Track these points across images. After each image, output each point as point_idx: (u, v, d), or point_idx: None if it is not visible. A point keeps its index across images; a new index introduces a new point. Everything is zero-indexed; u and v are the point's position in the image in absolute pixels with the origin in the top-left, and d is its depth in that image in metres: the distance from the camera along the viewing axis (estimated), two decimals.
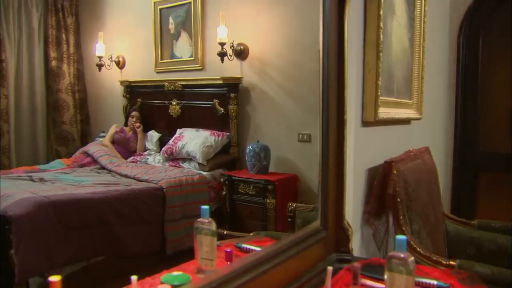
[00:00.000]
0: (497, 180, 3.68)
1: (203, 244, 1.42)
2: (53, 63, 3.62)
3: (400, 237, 1.38)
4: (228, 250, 1.47)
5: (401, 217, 2.02)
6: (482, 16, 3.63)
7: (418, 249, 1.99)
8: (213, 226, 1.41)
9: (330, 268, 1.50)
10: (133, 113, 3.79)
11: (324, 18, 1.61)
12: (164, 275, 1.24)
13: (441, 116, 3.59)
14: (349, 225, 1.73)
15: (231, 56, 3.22)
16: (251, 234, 2.11)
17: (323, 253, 1.67)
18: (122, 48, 3.91)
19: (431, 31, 3.13)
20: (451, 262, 1.94)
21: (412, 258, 1.36)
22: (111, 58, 3.83)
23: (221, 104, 3.35)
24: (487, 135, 3.70)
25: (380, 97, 1.99)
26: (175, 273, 1.27)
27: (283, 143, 3.02)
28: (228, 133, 3.30)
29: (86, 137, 3.92)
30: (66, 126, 3.75)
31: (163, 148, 3.49)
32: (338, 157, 1.69)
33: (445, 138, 3.69)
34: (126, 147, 3.72)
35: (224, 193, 3.02)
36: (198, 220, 1.45)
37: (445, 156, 3.70)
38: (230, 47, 3.20)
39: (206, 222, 1.45)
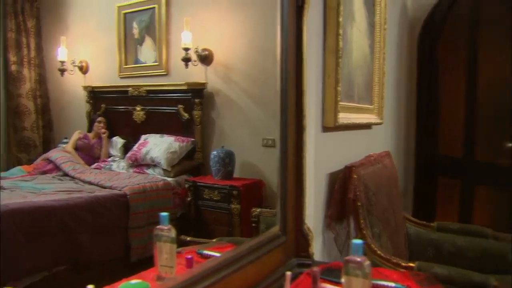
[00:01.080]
0: (452, 184, 3.78)
1: (162, 251, 1.41)
2: (13, 67, 3.52)
3: (357, 241, 1.39)
4: (189, 256, 1.46)
5: (362, 221, 2.04)
6: (439, 25, 3.72)
7: (378, 252, 2.02)
8: (173, 233, 1.40)
9: (288, 273, 1.50)
10: (100, 118, 3.73)
11: (282, 24, 1.62)
12: (123, 284, 1.22)
13: (403, 121, 3.66)
14: (309, 229, 1.74)
15: (195, 61, 3.21)
16: (214, 240, 2.10)
17: (283, 258, 1.68)
18: (86, 53, 3.85)
19: (392, 38, 3.20)
20: (411, 264, 1.98)
21: (368, 261, 1.38)
22: (74, 63, 3.76)
23: (185, 110, 3.33)
24: (445, 140, 3.79)
25: (340, 103, 2.02)
26: (134, 281, 1.25)
27: (248, 148, 3.02)
28: (192, 139, 3.29)
29: (48, 144, 3.82)
30: (27, 132, 3.65)
31: (127, 154, 3.44)
32: (297, 162, 1.70)
33: (407, 143, 3.76)
34: (89, 154, 3.65)
35: (189, 199, 2.99)
36: (157, 227, 1.44)
37: (406, 160, 3.78)
38: (195, 53, 3.18)
39: (165, 229, 1.43)
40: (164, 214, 1.40)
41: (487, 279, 1.88)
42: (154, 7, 3.47)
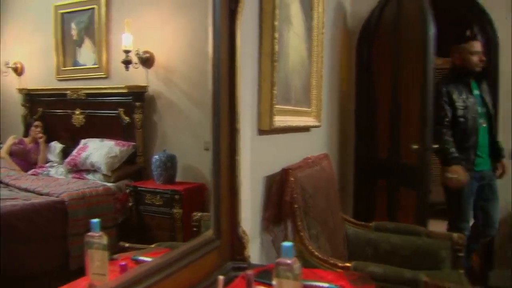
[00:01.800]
0: (383, 185, 3.89)
1: (94, 259, 1.38)
2: None
3: (286, 243, 1.41)
4: (123, 263, 1.44)
5: (299, 223, 2.07)
6: (373, 30, 3.84)
7: (316, 253, 2.06)
8: (104, 240, 1.38)
9: (221, 277, 1.50)
10: (36, 123, 3.58)
11: (214, 28, 1.63)
12: None
13: (342, 123, 3.75)
14: (244, 232, 1.75)
15: (136, 64, 3.15)
16: (152, 245, 2.07)
17: (218, 262, 1.68)
18: (21, 54, 3.69)
19: (331, 42, 3.27)
20: (347, 264, 2.03)
21: (298, 263, 1.41)
22: (7, 64, 3.61)
23: (126, 113, 3.26)
24: (378, 143, 3.91)
25: (276, 106, 2.04)
26: None
27: (190, 152, 2.99)
28: (133, 143, 3.22)
29: None
30: None
31: (66, 160, 3.33)
32: (231, 165, 1.71)
33: (346, 145, 3.86)
34: (26, 159, 3.51)
35: (130, 204, 2.93)
36: (88, 234, 1.41)
37: (346, 162, 3.88)
38: (136, 55, 3.13)
39: (97, 236, 1.41)
40: (95, 220, 1.38)
41: (417, 275, 1.96)
42: (93, 8, 3.38)
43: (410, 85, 3.28)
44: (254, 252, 2.05)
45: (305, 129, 2.59)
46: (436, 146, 3.10)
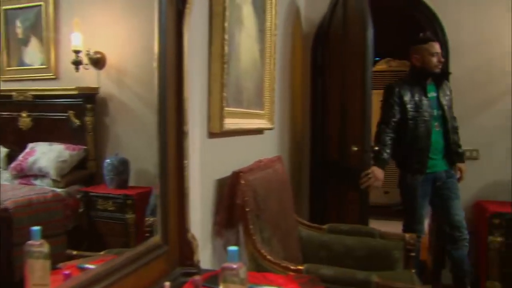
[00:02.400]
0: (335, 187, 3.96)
1: (34, 269, 1.34)
2: None
3: (232, 248, 1.41)
4: (67, 272, 1.40)
5: (251, 227, 2.07)
6: (325, 33, 3.90)
7: (268, 257, 2.06)
8: (45, 248, 1.34)
9: (167, 284, 1.48)
10: None
11: (160, 29, 1.61)
12: None
13: (298, 125, 3.79)
14: (194, 237, 1.73)
15: (87, 64, 3.08)
16: (101, 252, 2.03)
17: (166, 268, 1.66)
18: None
19: (286, 44, 3.30)
20: (299, 267, 2.04)
21: (244, 268, 1.40)
22: None
23: (76, 116, 3.17)
24: (331, 145, 3.98)
25: (227, 108, 2.04)
26: None
27: (143, 155, 2.93)
28: (84, 147, 3.13)
29: None
30: None
31: (11, 165, 3.21)
32: (179, 169, 1.69)
33: (302, 147, 3.90)
34: None
35: (81, 210, 2.85)
36: (28, 242, 1.37)
37: (302, 164, 3.92)
38: (86, 55, 3.05)
39: (37, 245, 1.36)
40: (35, 228, 1.34)
41: (369, 276, 1.99)
42: (40, 5, 3.28)
43: (353, 88, 3.34)
44: (206, 257, 2.04)
45: (258, 131, 2.59)
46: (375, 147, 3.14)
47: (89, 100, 3.12)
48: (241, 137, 2.34)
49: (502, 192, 3.57)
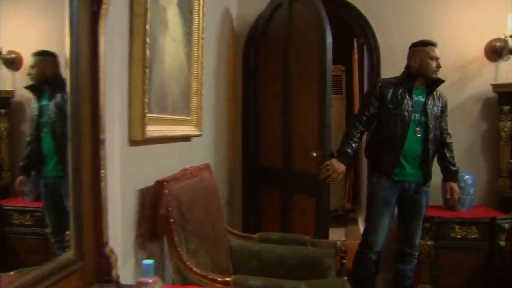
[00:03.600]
0: (274, 194, 4.04)
1: None
2: None
3: (146, 262, 1.41)
4: None
5: (176, 238, 2.06)
6: (260, 36, 3.98)
7: (194, 269, 2.05)
8: None
9: None
10: None
11: (72, 31, 1.58)
12: None
13: (228, 132, 3.83)
14: (112, 251, 1.70)
15: None
16: (11, 272, 1.94)
17: (81, 285, 1.62)
18: None
19: (216, 46, 3.32)
20: (227, 279, 2.05)
21: (160, 282, 1.40)
22: None
23: None
24: (268, 152, 4.05)
25: (149, 115, 2.02)
26: None
27: None
28: None
29: None
30: None
31: None
32: (95, 180, 1.66)
33: (233, 154, 3.94)
34: None
35: None
36: None
37: (233, 172, 3.95)
38: None
39: None
40: None
41: (297, 285, 2.03)
42: None
43: (303, 92, 3.40)
44: (128, 272, 2.01)
45: (185, 138, 2.59)
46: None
47: (3, 104, 3.00)
48: (166, 145, 2.33)
49: (432, 196, 3.75)
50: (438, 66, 3.16)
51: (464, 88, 3.86)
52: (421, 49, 3.16)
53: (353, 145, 3.11)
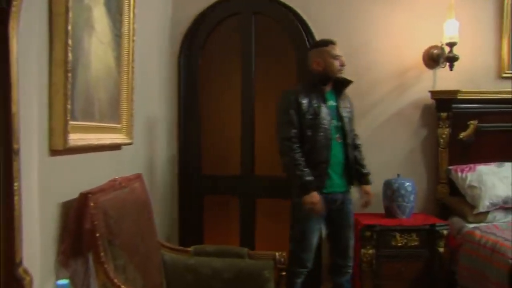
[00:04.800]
0: (221, 202, 4.03)
1: None
2: None
3: (60, 282, 1.33)
4: None
5: (102, 254, 1.98)
6: (201, 38, 3.96)
7: (122, 286, 1.98)
8: None
9: None
10: None
11: None
12: None
13: (164, 140, 3.76)
14: (26, 272, 1.61)
15: None
16: None
17: None
18: None
19: (150, 51, 3.25)
20: None
21: None
22: None
23: None
24: (211, 158, 4.03)
25: (72, 122, 1.93)
26: None
27: None
28: None
29: None
30: None
31: None
32: (7, 194, 1.56)
33: (169, 163, 3.87)
34: None
35: None
36: None
37: (170, 182, 3.88)
38: None
39: None
40: None
41: None
42: None
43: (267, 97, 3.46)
44: None
45: (115, 147, 2.50)
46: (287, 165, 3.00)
47: None
48: (92, 154, 2.24)
49: (374, 204, 3.82)
50: (342, 64, 3.10)
51: (403, 95, 3.98)
52: (322, 49, 3.09)
53: (306, 169, 2.94)
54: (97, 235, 1.97)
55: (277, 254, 2.68)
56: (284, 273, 2.69)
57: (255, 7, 3.97)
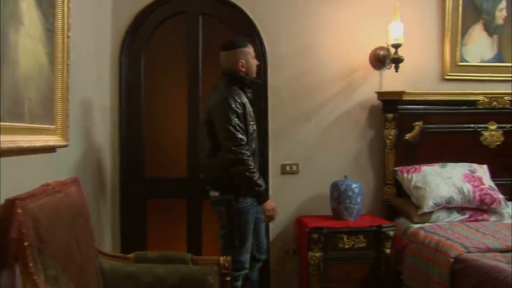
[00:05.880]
0: (166, 206, 3.94)
1: None
2: None
3: None
4: None
5: (31, 264, 1.85)
6: (144, 36, 3.86)
7: None
8: None
9: None
10: None
11: None
12: None
13: (104, 142, 3.62)
14: None
15: None
16: None
17: None
18: None
19: (88, 48, 3.12)
20: None
21: None
22: None
23: None
24: (153, 161, 3.92)
25: None
26: None
27: None
28: None
29: None
30: None
31: None
32: None
33: (110, 166, 3.74)
34: None
35: None
36: None
37: (111, 185, 3.75)
38: None
39: None
40: None
41: None
42: None
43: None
44: None
45: (48, 149, 2.37)
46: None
47: None
48: (23, 157, 2.10)
49: (322, 206, 3.84)
50: (257, 65, 3.16)
51: (351, 96, 4.01)
52: (244, 50, 3.06)
53: (259, 175, 2.98)
54: (26, 244, 1.84)
55: (221, 259, 2.63)
56: (228, 278, 2.64)
57: (202, 7, 3.90)
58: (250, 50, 3.09)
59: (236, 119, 2.90)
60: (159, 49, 3.92)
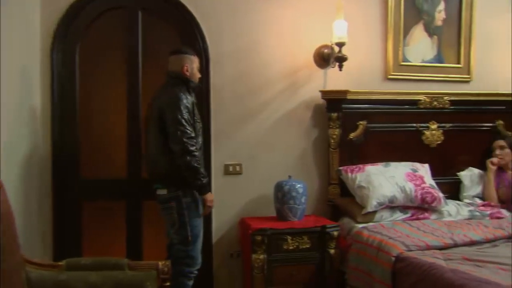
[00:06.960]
0: (102, 208, 3.80)
1: None
2: None
3: None
4: None
5: None
6: (77, 32, 3.71)
7: None
8: None
9: None
10: None
11: None
12: None
13: (34, 142, 3.45)
14: None
15: None
16: None
17: None
18: None
19: (14, 45, 2.96)
20: None
21: None
22: None
23: None
24: (89, 162, 3.77)
25: None
26: None
27: None
28: None
29: None
30: None
31: None
32: None
33: (40, 168, 3.56)
34: None
35: None
36: None
37: (43, 188, 3.58)
38: None
39: None
40: None
41: None
42: None
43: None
44: None
45: None
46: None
47: None
48: None
49: (266, 207, 3.80)
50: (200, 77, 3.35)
51: (295, 94, 3.99)
52: (191, 57, 3.25)
53: (203, 170, 3.12)
54: None
55: (160, 263, 2.53)
56: (168, 284, 2.55)
57: (141, 2, 3.78)
58: (195, 60, 3.27)
59: (186, 114, 3.05)
60: (96, 45, 3.74)
